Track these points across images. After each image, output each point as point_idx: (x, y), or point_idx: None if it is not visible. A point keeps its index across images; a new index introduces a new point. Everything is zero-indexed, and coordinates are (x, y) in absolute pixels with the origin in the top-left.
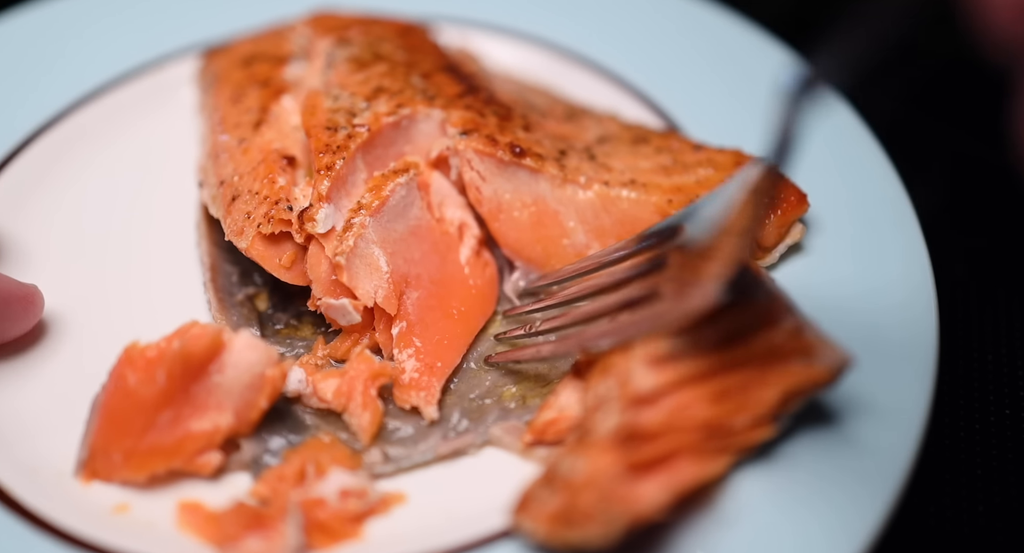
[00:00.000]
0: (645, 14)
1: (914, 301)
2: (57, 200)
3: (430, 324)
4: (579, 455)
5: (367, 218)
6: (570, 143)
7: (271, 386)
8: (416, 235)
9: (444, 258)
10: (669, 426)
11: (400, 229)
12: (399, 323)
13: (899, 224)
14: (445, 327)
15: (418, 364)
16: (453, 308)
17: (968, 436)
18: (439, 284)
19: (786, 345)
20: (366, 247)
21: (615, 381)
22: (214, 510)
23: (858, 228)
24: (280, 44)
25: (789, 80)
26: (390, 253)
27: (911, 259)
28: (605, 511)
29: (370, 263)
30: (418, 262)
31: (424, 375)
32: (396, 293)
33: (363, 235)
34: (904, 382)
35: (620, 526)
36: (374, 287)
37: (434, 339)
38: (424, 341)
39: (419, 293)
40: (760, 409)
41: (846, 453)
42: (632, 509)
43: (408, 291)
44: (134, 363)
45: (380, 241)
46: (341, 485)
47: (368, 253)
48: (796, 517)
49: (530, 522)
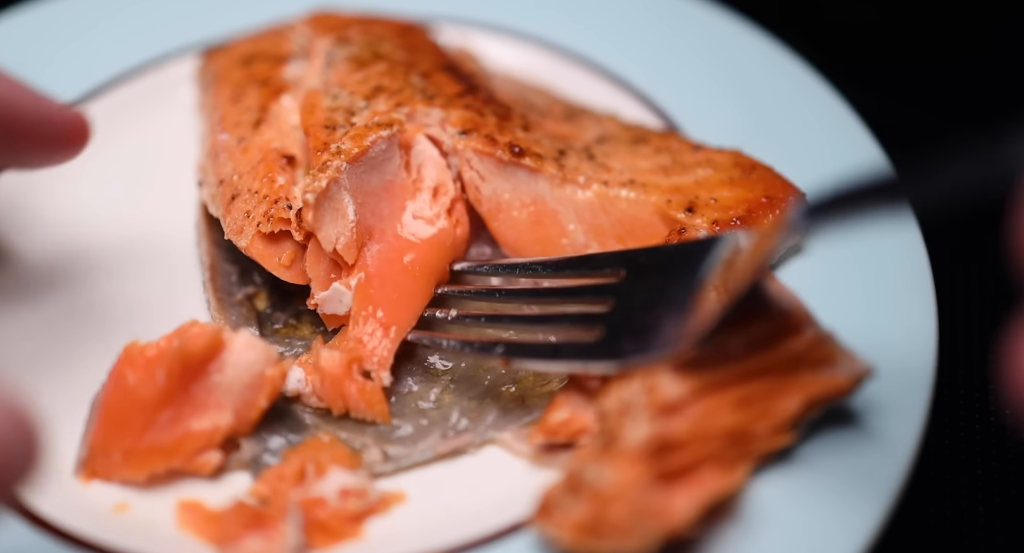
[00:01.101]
0: (644, 14)
1: (913, 301)
2: (56, 199)
3: (388, 279)
4: (607, 463)
5: (343, 163)
6: (569, 143)
7: (271, 385)
8: (388, 191)
9: (412, 217)
10: (696, 434)
11: (374, 182)
12: (357, 274)
13: (899, 225)
14: (403, 284)
15: (375, 324)
16: (414, 267)
17: (968, 436)
18: (403, 241)
19: (808, 354)
20: (337, 192)
21: (640, 386)
22: (214, 509)
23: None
24: (280, 43)
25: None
26: (359, 203)
27: (911, 259)
28: (638, 525)
29: (338, 208)
30: (385, 218)
31: (378, 336)
32: (358, 244)
33: (337, 179)
34: (904, 382)
35: (654, 540)
36: (337, 233)
37: (391, 297)
38: (381, 297)
39: (380, 247)
40: (782, 416)
41: (845, 453)
42: (666, 523)
43: (370, 244)
44: (134, 362)
45: (352, 189)
46: (341, 484)
47: (338, 198)
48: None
49: (554, 529)
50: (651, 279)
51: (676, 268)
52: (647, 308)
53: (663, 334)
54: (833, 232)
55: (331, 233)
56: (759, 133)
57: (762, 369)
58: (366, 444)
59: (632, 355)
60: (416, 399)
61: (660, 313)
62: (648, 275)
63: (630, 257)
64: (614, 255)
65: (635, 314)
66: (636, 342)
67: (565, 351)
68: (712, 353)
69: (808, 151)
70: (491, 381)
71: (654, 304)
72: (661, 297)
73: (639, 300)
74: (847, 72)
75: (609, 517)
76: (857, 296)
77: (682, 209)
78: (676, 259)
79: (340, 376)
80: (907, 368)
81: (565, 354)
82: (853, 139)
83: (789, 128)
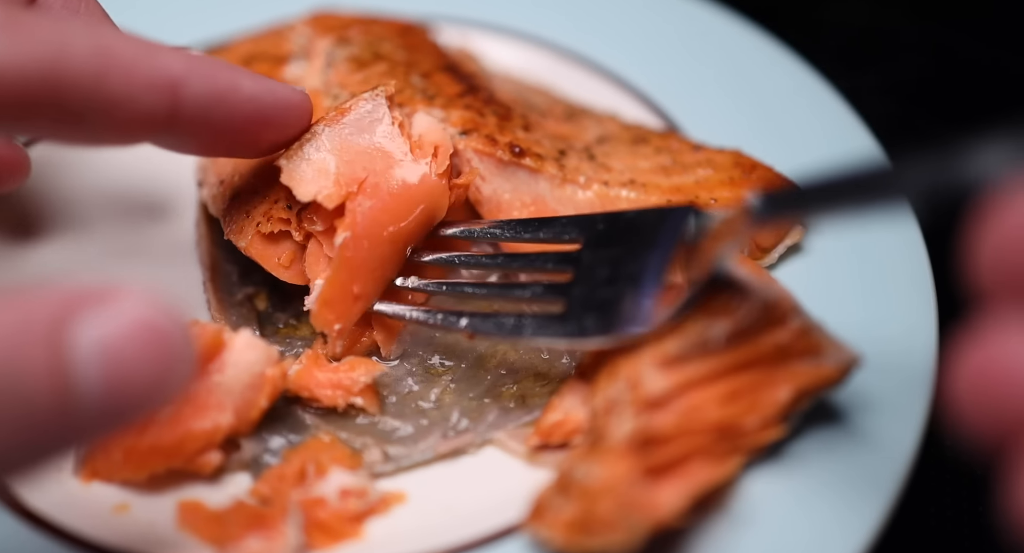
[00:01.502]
0: (644, 14)
1: (914, 301)
2: (55, 199)
3: (372, 239)
4: (594, 461)
5: (322, 126)
6: (570, 143)
7: (271, 385)
8: (383, 151)
9: (408, 175)
10: (682, 429)
11: (363, 143)
12: (343, 233)
13: (899, 224)
14: (383, 247)
15: (345, 291)
16: (398, 227)
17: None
18: (396, 198)
19: (794, 345)
20: (315, 153)
21: (625, 384)
22: (214, 510)
23: (857, 228)
24: (280, 43)
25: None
26: (346, 161)
27: (910, 259)
28: (625, 518)
29: (318, 169)
30: (379, 173)
31: (346, 304)
32: (341, 194)
33: (312, 141)
34: (904, 382)
35: (641, 532)
36: (318, 187)
37: (369, 263)
38: (358, 262)
39: (372, 203)
40: (770, 409)
41: (846, 452)
42: (652, 515)
43: (360, 199)
44: None
45: (334, 149)
46: (341, 484)
47: (317, 158)
48: (796, 516)
49: (546, 530)
50: (612, 249)
51: (636, 238)
52: (608, 282)
53: (626, 312)
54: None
55: (309, 188)
56: (759, 133)
57: (748, 361)
58: (366, 444)
59: (594, 333)
60: (416, 399)
61: (622, 288)
62: (608, 244)
63: (588, 223)
64: (572, 220)
65: (597, 287)
66: (599, 319)
67: (528, 326)
68: (696, 345)
69: (809, 151)
70: (491, 381)
71: (615, 278)
72: (622, 271)
73: (600, 272)
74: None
75: (597, 513)
76: (857, 296)
77: None
78: (636, 228)
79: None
80: (907, 366)
81: (528, 329)
82: (854, 139)
83: (789, 128)
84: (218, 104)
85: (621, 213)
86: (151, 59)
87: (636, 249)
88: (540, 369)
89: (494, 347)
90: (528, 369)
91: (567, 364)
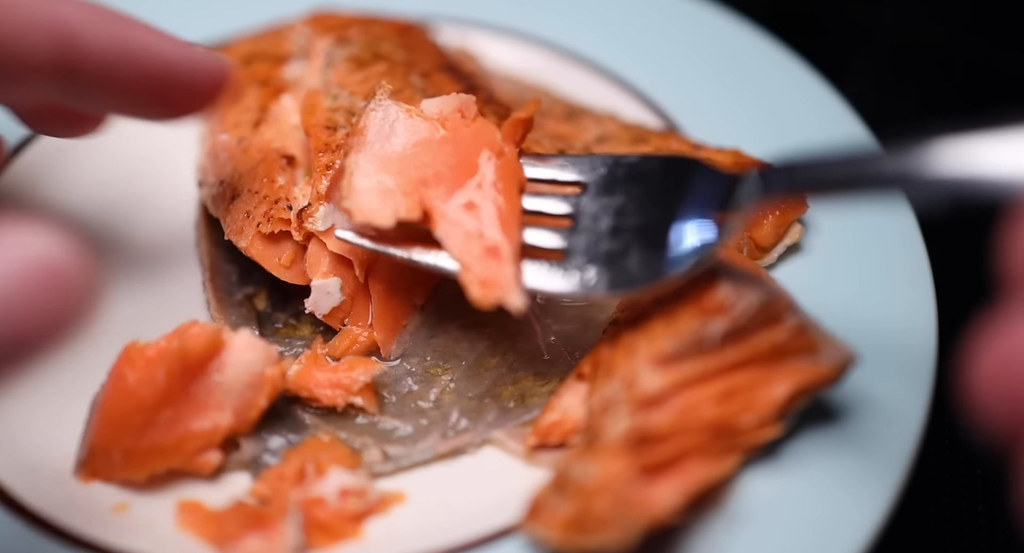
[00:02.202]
0: (644, 13)
1: (913, 301)
2: (55, 199)
3: (467, 207)
4: (590, 460)
5: (353, 155)
6: (569, 142)
7: (271, 385)
8: (419, 143)
9: (456, 147)
10: (678, 427)
11: (398, 147)
12: (438, 229)
13: (898, 223)
14: (484, 202)
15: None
16: (485, 184)
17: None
18: (457, 169)
19: (790, 343)
20: (367, 180)
21: (621, 383)
22: (214, 509)
23: (857, 228)
24: (279, 43)
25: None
26: (397, 171)
27: (910, 259)
28: (621, 516)
29: (380, 192)
30: (432, 163)
31: (492, 258)
32: (417, 201)
33: (355, 173)
34: (904, 382)
35: (636, 530)
36: (393, 207)
37: (479, 219)
38: (469, 223)
39: (443, 186)
40: (767, 408)
41: (845, 452)
42: (648, 513)
43: (430, 190)
44: (133, 362)
45: (380, 167)
46: (341, 484)
47: (372, 184)
48: (795, 516)
49: (543, 530)
50: (615, 197)
51: (643, 189)
52: (612, 234)
53: (630, 269)
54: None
55: (387, 211)
56: (759, 132)
57: (745, 360)
58: (366, 444)
59: (598, 288)
60: (416, 399)
61: (629, 243)
62: (612, 191)
63: (590, 167)
64: (571, 161)
65: (600, 239)
66: (603, 273)
67: (530, 274)
68: (692, 344)
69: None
70: (491, 381)
71: (620, 229)
72: (625, 224)
73: (602, 222)
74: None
75: (593, 511)
76: (856, 296)
77: None
78: (639, 175)
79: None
80: (906, 365)
81: (530, 278)
82: (854, 139)
83: (789, 128)
84: (123, 59)
85: (622, 157)
86: (45, 4)
87: (641, 201)
88: (540, 369)
89: (494, 346)
90: (528, 369)
91: (567, 363)
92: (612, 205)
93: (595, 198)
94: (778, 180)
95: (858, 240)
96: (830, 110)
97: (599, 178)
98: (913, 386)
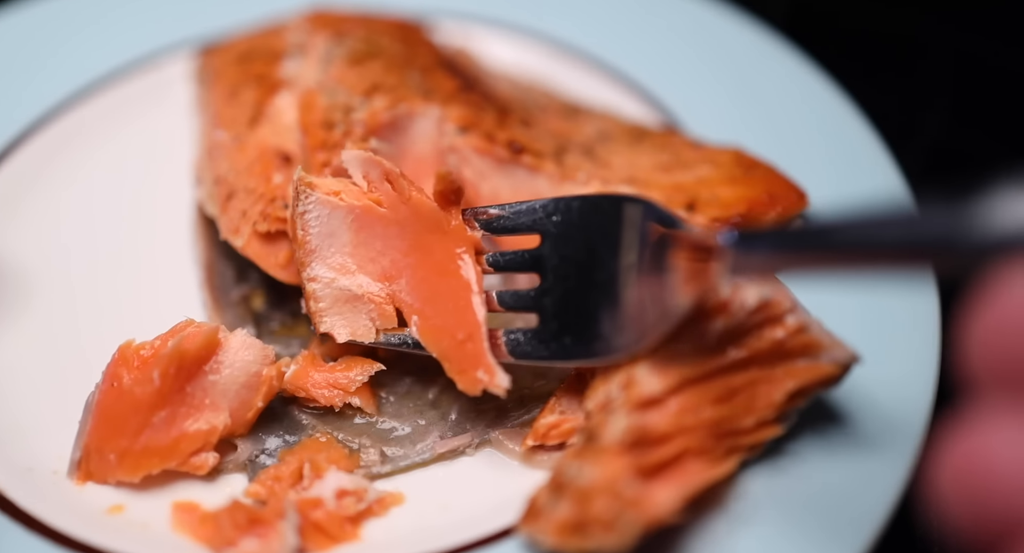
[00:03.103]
0: (646, 11)
1: (915, 301)
2: (52, 199)
3: (433, 296)
4: (587, 461)
5: (308, 271)
6: (569, 139)
7: (267, 386)
8: (364, 229)
9: (402, 229)
10: (677, 428)
11: (344, 240)
12: (412, 319)
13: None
14: (446, 285)
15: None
16: (442, 262)
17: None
18: (411, 254)
19: (790, 343)
20: (327, 293)
21: (619, 383)
22: (209, 511)
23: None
24: (276, 41)
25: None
26: (354, 269)
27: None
28: (619, 517)
29: (349, 301)
30: (385, 251)
31: (469, 346)
32: (388, 300)
33: (316, 290)
34: (906, 381)
35: (635, 531)
36: (368, 316)
37: (447, 308)
38: (439, 316)
39: (404, 277)
40: (767, 408)
41: (847, 453)
42: (646, 514)
43: (394, 284)
44: (129, 362)
45: (337, 272)
46: (338, 485)
47: (335, 295)
48: (796, 516)
49: (540, 532)
50: (574, 245)
51: (597, 233)
52: (579, 290)
53: (601, 334)
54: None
55: (363, 323)
56: (761, 131)
57: (744, 360)
58: (364, 445)
59: (578, 356)
60: (414, 399)
61: (596, 304)
62: (570, 238)
63: (543, 213)
64: (523, 209)
65: (568, 299)
66: (578, 339)
67: (509, 348)
68: (692, 345)
69: (810, 149)
70: None
71: (585, 286)
72: (590, 278)
73: (568, 278)
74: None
75: (592, 513)
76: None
77: (682, 207)
78: (592, 220)
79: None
80: (908, 366)
81: (510, 352)
82: (855, 138)
83: (791, 126)
84: None
85: (572, 199)
86: None
87: (600, 251)
88: (538, 369)
89: None
90: (526, 369)
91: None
92: (573, 256)
93: (555, 249)
94: (752, 248)
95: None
96: (832, 108)
97: (554, 225)
98: (915, 386)
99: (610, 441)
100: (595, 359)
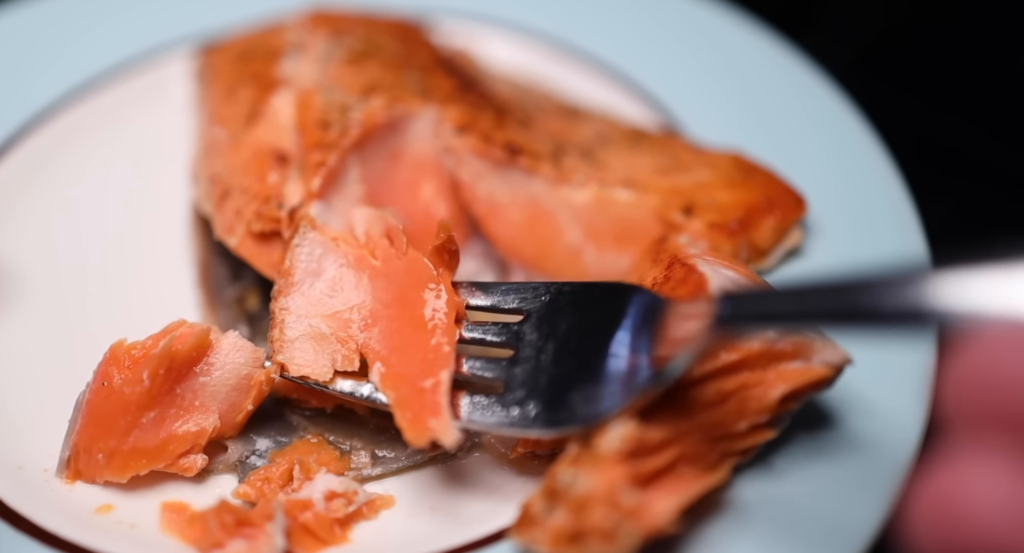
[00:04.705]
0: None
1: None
2: (47, 197)
3: (403, 346)
4: (583, 469)
5: (289, 298)
6: (567, 141)
7: (257, 389)
8: (352, 276)
9: (389, 282)
10: (672, 435)
11: (329, 282)
12: (375, 365)
13: (900, 228)
14: (419, 340)
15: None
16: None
17: None
18: (392, 307)
19: (782, 345)
20: (298, 325)
21: None
22: (198, 512)
23: (858, 232)
24: (275, 40)
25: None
26: (330, 312)
27: (910, 262)
28: (617, 527)
29: (315, 338)
30: (366, 301)
31: (428, 396)
32: (354, 349)
33: (286, 318)
34: (900, 384)
35: (634, 542)
36: (330, 356)
37: (414, 359)
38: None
39: (378, 326)
40: (760, 412)
41: (842, 456)
42: (645, 523)
43: (365, 332)
44: (119, 362)
45: (313, 310)
46: (327, 487)
47: (303, 330)
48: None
49: (535, 540)
50: (557, 326)
51: (584, 315)
52: (554, 363)
53: (576, 406)
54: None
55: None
56: (761, 135)
57: (735, 363)
58: (355, 447)
59: (540, 425)
60: None
61: (571, 378)
62: (554, 320)
63: (532, 294)
64: (514, 288)
65: (540, 370)
66: (545, 408)
67: (467, 409)
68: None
69: (810, 154)
70: None
71: (559, 364)
72: (566, 358)
73: (544, 354)
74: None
75: (589, 522)
76: None
77: (680, 210)
78: (582, 302)
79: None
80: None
81: (467, 412)
82: (855, 141)
83: (791, 131)
84: None
85: (564, 284)
86: None
87: (584, 332)
88: None
89: None
90: None
91: None
92: (553, 335)
93: (536, 327)
94: (727, 313)
95: (858, 244)
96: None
97: (541, 306)
98: (909, 388)
99: (608, 449)
100: (557, 428)
